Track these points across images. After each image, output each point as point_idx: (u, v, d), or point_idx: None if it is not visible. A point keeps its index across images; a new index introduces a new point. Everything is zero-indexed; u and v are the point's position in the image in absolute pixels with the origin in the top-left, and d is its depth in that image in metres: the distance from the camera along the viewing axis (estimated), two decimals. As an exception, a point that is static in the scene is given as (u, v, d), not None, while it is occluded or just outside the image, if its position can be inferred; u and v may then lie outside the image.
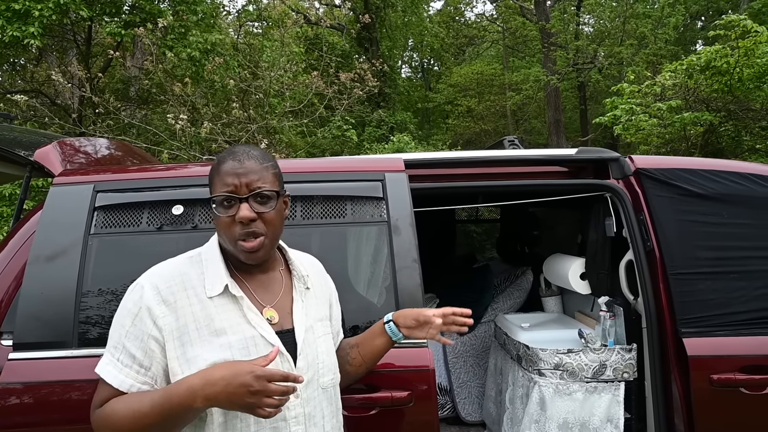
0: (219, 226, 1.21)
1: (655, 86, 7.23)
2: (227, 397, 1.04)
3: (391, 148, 8.85)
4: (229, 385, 1.04)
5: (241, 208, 1.18)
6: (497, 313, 3.39)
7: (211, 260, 1.23)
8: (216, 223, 1.21)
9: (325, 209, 1.95)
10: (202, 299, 1.18)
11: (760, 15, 12.98)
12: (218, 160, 1.24)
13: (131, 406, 1.11)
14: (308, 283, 1.33)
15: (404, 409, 1.74)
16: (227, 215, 1.18)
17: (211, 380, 1.06)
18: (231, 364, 1.08)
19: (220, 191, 1.18)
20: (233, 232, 1.19)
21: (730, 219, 2.14)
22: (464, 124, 19.35)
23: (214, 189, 1.21)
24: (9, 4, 6.56)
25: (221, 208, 1.19)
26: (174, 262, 1.24)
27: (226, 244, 1.22)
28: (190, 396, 1.06)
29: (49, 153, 2.08)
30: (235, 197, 1.18)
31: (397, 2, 16.27)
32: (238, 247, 1.19)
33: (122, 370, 1.15)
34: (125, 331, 1.16)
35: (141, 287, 1.18)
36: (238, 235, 1.18)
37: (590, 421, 2.31)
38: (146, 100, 9.07)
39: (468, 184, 2.35)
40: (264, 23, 9.54)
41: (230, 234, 1.19)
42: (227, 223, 1.19)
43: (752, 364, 1.99)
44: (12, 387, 1.66)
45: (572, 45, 13.79)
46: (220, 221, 1.20)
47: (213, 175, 1.22)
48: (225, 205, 1.19)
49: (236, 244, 1.19)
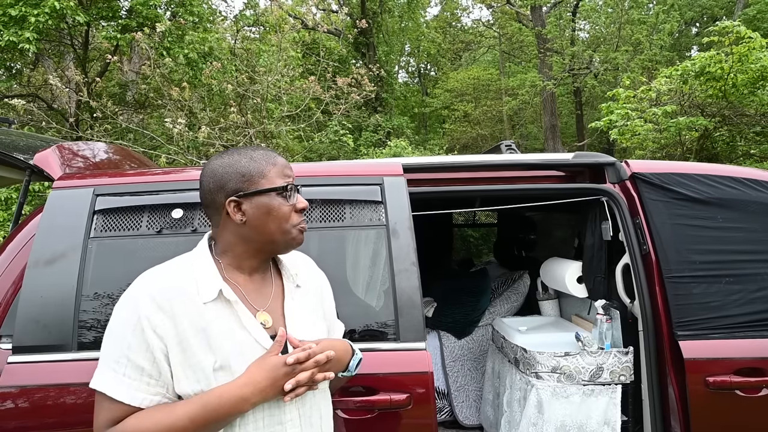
0: (277, 216, 1.23)
1: (651, 91, 7.29)
2: (274, 391, 1.14)
3: (388, 153, 8.87)
4: (276, 379, 1.13)
5: (300, 198, 1.27)
6: (494, 316, 3.40)
7: (202, 265, 1.21)
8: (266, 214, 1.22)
9: (324, 213, 1.97)
10: (197, 305, 1.16)
11: (755, 21, 13.11)
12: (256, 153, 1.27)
13: (163, 422, 1.09)
14: (297, 281, 1.33)
15: (402, 412, 1.74)
16: (289, 204, 1.25)
17: (258, 384, 1.13)
18: (263, 361, 1.15)
19: (282, 181, 1.24)
20: (292, 220, 1.25)
21: (725, 223, 2.17)
22: (461, 129, 19.42)
23: (271, 181, 1.24)
24: (5, 10, 6.57)
25: (282, 199, 1.24)
26: (164, 269, 1.21)
27: (277, 236, 1.24)
28: (241, 403, 1.11)
29: (48, 157, 2.08)
30: (294, 187, 1.27)
31: (393, 7, 16.35)
32: (294, 235, 1.26)
33: (131, 385, 1.11)
34: (127, 344, 1.12)
35: (135, 298, 1.15)
36: (298, 223, 1.26)
37: (587, 424, 2.32)
38: (143, 105, 9.07)
39: (465, 188, 2.36)
40: (261, 28, 9.57)
41: (289, 223, 1.24)
42: (287, 213, 1.24)
43: (748, 366, 2.01)
44: (11, 390, 1.66)
45: (568, 51, 13.88)
46: (280, 211, 1.23)
47: (261, 166, 1.24)
48: (286, 196, 1.24)
49: (292, 232, 1.25)
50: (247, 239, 1.24)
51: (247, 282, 1.26)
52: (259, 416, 1.17)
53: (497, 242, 4.75)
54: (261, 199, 1.22)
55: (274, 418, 1.18)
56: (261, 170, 1.23)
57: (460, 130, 19.36)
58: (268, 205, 1.22)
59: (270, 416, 1.18)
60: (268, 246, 1.26)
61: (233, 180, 1.22)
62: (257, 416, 1.17)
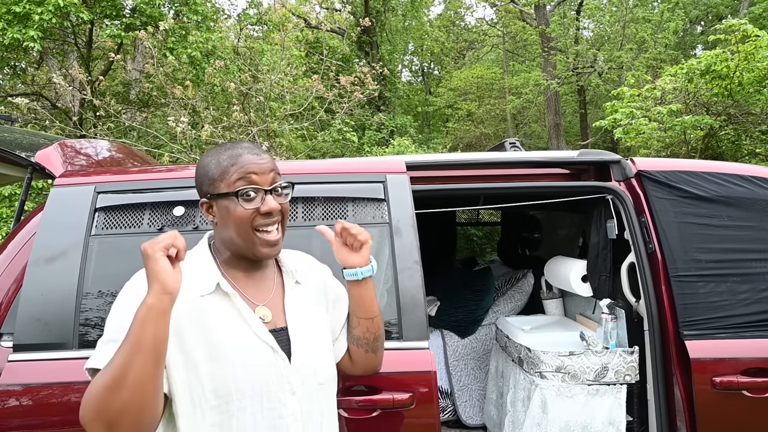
0: (234, 220, 1.19)
1: (655, 90, 7.25)
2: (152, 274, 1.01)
3: (391, 151, 8.86)
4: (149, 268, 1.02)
5: (267, 200, 1.20)
6: (498, 315, 3.38)
7: (201, 261, 1.23)
8: (227, 217, 1.19)
9: (327, 210, 1.95)
10: (195, 298, 1.17)
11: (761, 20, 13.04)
12: (225, 154, 1.22)
13: (104, 373, 1.02)
14: (297, 277, 1.33)
15: (405, 411, 1.73)
16: (250, 207, 1.19)
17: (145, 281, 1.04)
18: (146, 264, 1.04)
19: (242, 184, 1.19)
20: (253, 224, 1.19)
21: (732, 221, 2.14)
22: (464, 128, 19.39)
23: (229, 182, 1.19)
24: (9, 7, 6.58)
25: (242, 201, 1.18)
26: None
27: (237, 240, 1.21)
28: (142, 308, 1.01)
29: (50, 154, 2.08)
30: (259, 189, 1.20)
31: (397, 6, 16.33)
32: (259, 240, 1.20)
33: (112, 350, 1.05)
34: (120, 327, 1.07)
35: (133, 289, 1.15)
36: (261, 227, 1.20)
37: (592, 424, 2.30)
38: (147, 103, 9.08)
39: (469, 186, 2.34)
40: (264, 27, 9.56)
41: (249, 227, 1.19)
42: (245, 217, 1.18)
43: (755, 366, 1.99)
44: (12, 389, 1.66)
45: (572, 49, 13.83)
46: (238, 214, 1.18)
47: (222, 168, 1.20)
48: (247, 198, 1.19)
49: (255, 237, 1.20)
50: (225, 242, 1.25)
51: (246, 278, 1.26)
52: (257, 406, 1.16)
53: (501, 241, 4.73)
54: (223, 202, 1.20)
55: (274, 410, 1.17)
56: (222, 173, 1.20)
57: (463, 129, 19.33)
58: (227, 207, 1.20)
59: (270, 408, 1.17)
60: (239, 252, 1.23)
61: (204, 182, 1.23)
62: (255, 409, 1.16)
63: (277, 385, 1.18)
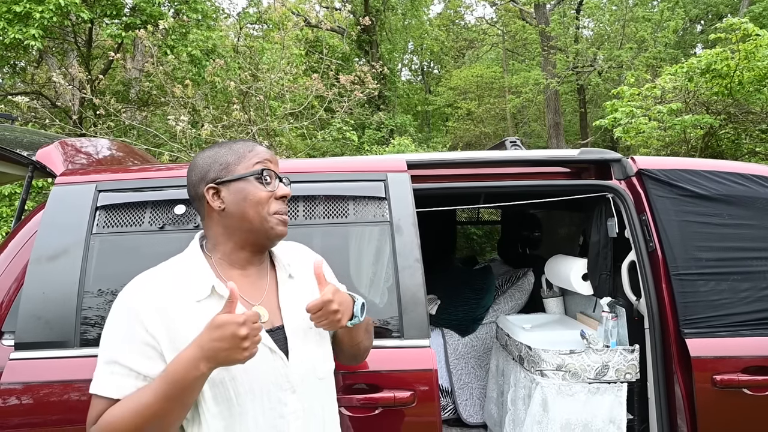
0: (251, 202, 1.22)
1: (655, 89, 7.24)
2: (226, 353, 1.03)
3: (391, 150, 8.85)
4: (223, 339, 1.03)
5: (281, 185, 1.27)
6: (498, 314, 3.38)
7: (194, 265, 1.21)
8: (243, 200, 1.22)
9: (328, 209, 1.95)
10: (191, 304, 1.16)
11: (761, 18, 13.03)
12: (237, 144, 1.28)
13: (130, 405, 1.07)
14: (290, 270, 1.32)
15: (406, 409, 1.73)
16: (268, 190, 1.24)
17: (205, 345, 1.04)
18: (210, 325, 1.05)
19: (259, 167, 1.24)
20: (270, 207, 1.24)
21: (733, 220, 2.14)
22: (464, 127, 19.39)
23: (248, 164, 1.24)
24: (10, 6, 6.58)
25: (260, 184, 1.23)
26: (156, 271, 1.21)
27: (253, 221, 1.22)
28: (192, 364, 1.04)
29: (51, 153, 2.08)
30: (275, 173, 1.26)
31: (397, 5, 16.31)
32: (273, 222, 1.24)
33: (120, 380, 1.11)
34: (118, 347, 1.11)
35: (127, 301, 1.15)
36: (276, 211, 1.24)
37: (593, 422, 2.30)
38: (147, 102, 9.07)
39: (470, 185, 2.34)
40: (264, 26, 9.55)
41: (265, 210, 1.23)
42: (264, 198, 1.23)
43: (755, 365, 1.99)
44: (13, 387, 1.66)
45: (572, 48, 13.82)
46: (256, 196, 1.22)
47: (240, 153, 1.26)
48: (264, 181, 1.24)
49: (270, 221, 1.23)
50: (230, 230, 1.24)
51: (242, 277, 1.25)
52: (258, 408, 1.16)
53: (501, 239, 4.73)
54: (238, 185, 1.23)
55: (275, 410, 1.17)
56: (239, 158, 1.25)
57: (463, 128, 19.33)
58: (245, 189, 1.23)
59: (271, 409, 1.17)
60: (250, 236, 1.24)
61: (213, 170, 1.25)
62: (256, 412, 1.15)
63: (277, 385, 1.18)
